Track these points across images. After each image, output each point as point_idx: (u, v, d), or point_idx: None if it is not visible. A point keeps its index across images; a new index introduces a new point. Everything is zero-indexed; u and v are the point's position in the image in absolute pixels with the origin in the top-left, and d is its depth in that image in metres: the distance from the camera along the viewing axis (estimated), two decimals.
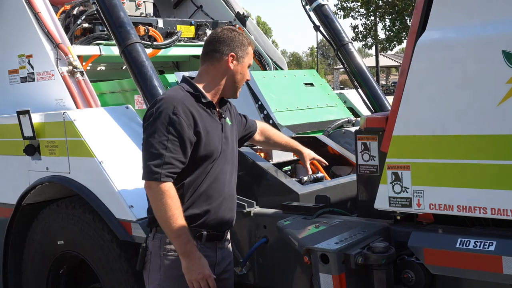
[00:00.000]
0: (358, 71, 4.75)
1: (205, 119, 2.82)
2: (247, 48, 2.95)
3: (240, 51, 2.92)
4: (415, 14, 2.62)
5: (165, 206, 2.67)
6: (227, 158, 2.94)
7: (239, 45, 2.92)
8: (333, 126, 4.52)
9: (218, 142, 2.87)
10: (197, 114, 2.78)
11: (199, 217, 2.84)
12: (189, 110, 2.74)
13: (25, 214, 4.05)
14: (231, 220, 2.99)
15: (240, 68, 2.93)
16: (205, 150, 2.79)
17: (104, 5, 3.91)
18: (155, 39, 4.78)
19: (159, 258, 2.85)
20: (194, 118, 2.75)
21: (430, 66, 2.47)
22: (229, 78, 2.92)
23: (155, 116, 2.71)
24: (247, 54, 2.95)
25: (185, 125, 2.70)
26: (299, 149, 3.48)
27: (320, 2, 4.88)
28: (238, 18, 5.62)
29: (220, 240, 2.95)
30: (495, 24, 2.34)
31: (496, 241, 2.30)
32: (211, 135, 2.83)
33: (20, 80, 4.31)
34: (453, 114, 2.41)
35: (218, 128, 2.90)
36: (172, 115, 2.69)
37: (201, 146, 2.78)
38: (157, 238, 2.86)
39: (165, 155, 2.67)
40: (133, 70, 3.76)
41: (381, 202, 2.63)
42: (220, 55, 2.89)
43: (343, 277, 2.44)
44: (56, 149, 3.74)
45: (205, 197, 2.84)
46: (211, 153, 2.82)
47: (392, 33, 33.70)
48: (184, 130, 2.70)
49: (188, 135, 2.71)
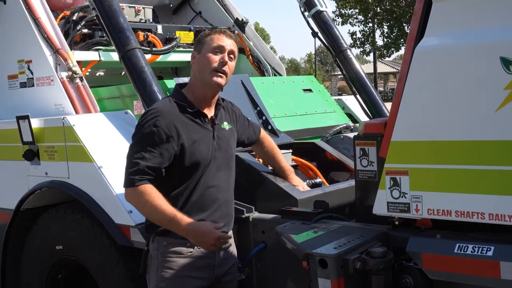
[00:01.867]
0: (356, 77, 4.76)
1: (191, 129, 2.86)
2: (205, 38, 2.94)
3: (198, 45, 2.96)
4: (414, 20, 2.63)
5: (147, 202, 2.74)
6: (221, 164, 2.96)
7: (198, 42, 2.98)
8: (332, 132, 4.52)
9: (207, 151, 2.89)
10: (181, 125, 2.83)
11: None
12: (172, 123, 2.81)
13: (24, 219, 4.05)
14: (228, 224, 3.01)
15: (201, 58, 2.93)
16: (190, 160, 2.84)
17: (103, 11, 3.92)
18: (154, 45, 4.78)
19: (157, 260, 2.90)
20: (177, 130, 2.81)
21: (429, 72, 2.49)
22: (197, 74, 2.96)
23: (139, 128, 2.84)
24: (206, 42, 2.92)
25: (164, 137, 2.78)
26: (289, 182, 3.39)
27: (318, 9, 4.90)
28: (237, 24, 5.64)
29: None
30: (493, 30, 2.36)
31: (494, 246, 2.31)
32: (198, 145, 2.86)
33: (20, 86, 4.32)
34: (451, 119, 2.42)
35: (208, 136, 2.92)
36: (153, 127, 2.78)
37: (185, 157, 2.83)
38: (155, 241, 2.92)
39: (140, 163, 2.76)
40: (133, 76, 3.77)
41: (379, 208, 2.64)
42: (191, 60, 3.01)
43: (342, 282, 2.44)
44: (55, 154, 3.75)
45: (198, 206, 2.88)
46: (197, 162, 2.86)
47: (390, 39, 33.72)
48: (162, 141, 2.78)
49: (167, 147, 2.78)
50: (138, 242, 3.27)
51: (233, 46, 2.96)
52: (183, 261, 2.89)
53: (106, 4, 3.92)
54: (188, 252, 2.89)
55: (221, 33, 2.97)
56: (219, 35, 2.94)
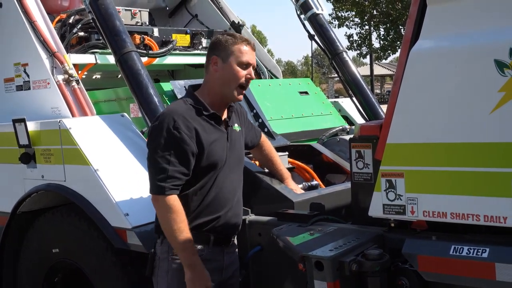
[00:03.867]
0: (352, 79, 4.78)
1: (208, 131, 2.85)
2: (232, 46, 2.87)
3: (223, 52, 2.89)
4: (409, 23, 2.64)
5: (171, 220, 2.73)
6: (234, 165, 2.99)
7: (221, 47, 2.90)
8: (328, 134, 4.53)
9: (222, 152, 2.90)
10: (199, 126, 2.82)
11: (208, 224, 2.90)
12: (190, 123, 2.79)
13: (20, 222, 4.04)
14: (238, 225, 3.05)
15: (227, 68, 2.88)
16: (207, 161, 2.84)
17: (100, 14, 3.93)
18: (150, 47, 4.79)
19: (167, 263, 2.90)
20: (196, 130, 2.79)
21: (424, 74, 2.50)
22: (218, 82, 2.91)
23: (158, 132, 2.77)
24: (233, 53, 2.86)
25: (187, 138, 2.75)
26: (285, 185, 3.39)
27: (314, 11, 4.92)
28: (233, 27, 5.64)
29: (227, 245, 3.00)
30: (487, 33, 2.37)
31: (489, 248, 2.32)
32: (214, 146, 2.86)
33: (16, 89, 4.32)
34: (446, 122, 2.43)
35: (223, 138, 2.93)
36: (173, 130, 2.74)
37: (203, 158, 2.82)
38: (165, 244, 2.90)
39: (168, 169, 2.72)
40: (129, 79, 3.78)
41: (375, 210, 2.65)
42: (208, 62, 2.94)
43: (338, 284, 2.44)
44: (52, 157, 3.75)
45: (213, 206, 2.89)
46: (214, 163, 2.87)
47: (387, 42, 33.82)
48: (186, 143, 2.75)
49: (191, 148, 2.76)
50: (135, 245, 3.27)
51: (255, 59, 2.95)
52: None
53: (102, 7, 3.92)
54: (198, 254, 2.89)
55: (248, 44, 2.90)
56: (246, 47, 2.88)
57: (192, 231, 2.82)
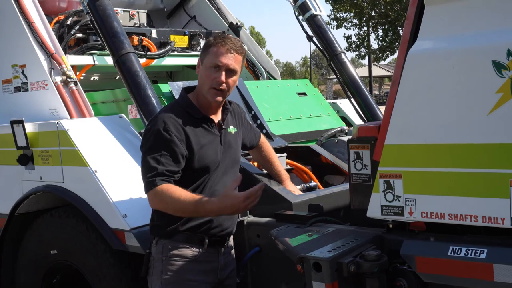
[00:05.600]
0: (351, 81, 4.78)
1: (199, 134, 2.86)
2: (209, 48, 2.85)
3: (203, 54, 2.90)
4: (407, 24, 2.65)
5: (169, 197, 2.71)
6: (228, 168, 2.98)
7: (204, 49, 2.92)
8: (326, 135, 4.53)
9: (215, 155, 2.90)
10: (190, 130, 2.83)
11: (201, 226, 2.89)
12: (181, 126, 2.81)
13: (19, 223, 4.04)
14: (232, 226, 3.04)
15: (202, 70, 2.89)
16: (199, 164, 2.85)
17: (98, 15, 3.92)
18: (148, 49, 4.80)
19: (161, 263, 2.90)
20: (186, 134, 2.81)
21: (421, 75, 2.50)
22: (199, 83, 2.94)
23: (150, 134, 2.82)
24: (208, 54, 2.85)
25: (177, 140, 2.77)
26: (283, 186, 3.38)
27: (313, 13, 4.92)
28: (232, 28, 5.65)
29: (222, 246, 3.00)
30: (485, 34, 2.37)
31: (487, 249, 2.32)
32: (206, 149, 2.87)
33: (14, 90, 4.31)
34: (444, 123, 2.43)
35: (215, 141, 2.93)
36: (164, 132, 2.77)
37: (194, 161, 2.84)
38: (160, 244, 2.91)
39: (158, 168, 2.74)
40: (127, 80, 3.77)
41: (373, 211, 2.65)
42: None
43: (336, 285, 2.44)
44: (50, 158, 3.74)
45: None
46: (206, 166, 2.88)
47: (385, 43, 33.81)
48: (176, 145, 2.77)
49: (180, 150, 2.78)
50: (133, 246, 3.27)
51: (234, 61, 2.84)
52: (188, 265, 2.89)
53: (100, 9, 3.92)
54: (193, 255, 2.90)
55: (224, 46, 2.83)
56: (222, 48, 2.82)
57: (186, 233, 2.85)
